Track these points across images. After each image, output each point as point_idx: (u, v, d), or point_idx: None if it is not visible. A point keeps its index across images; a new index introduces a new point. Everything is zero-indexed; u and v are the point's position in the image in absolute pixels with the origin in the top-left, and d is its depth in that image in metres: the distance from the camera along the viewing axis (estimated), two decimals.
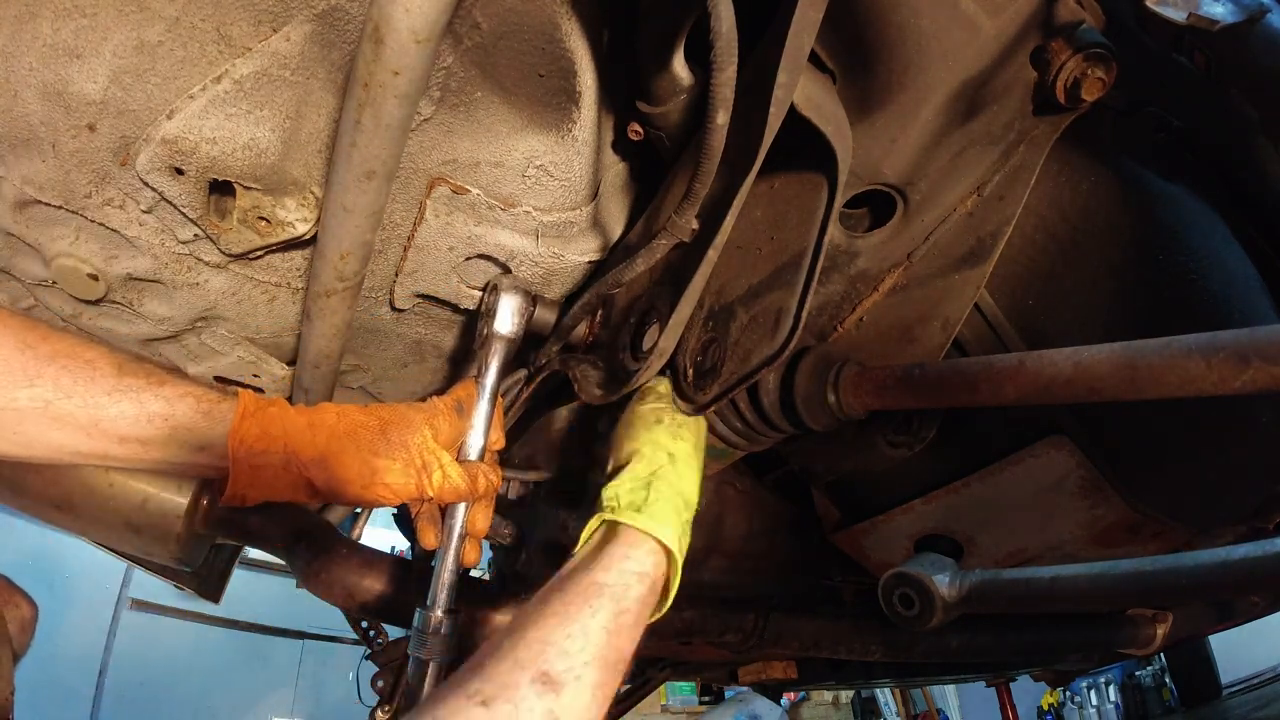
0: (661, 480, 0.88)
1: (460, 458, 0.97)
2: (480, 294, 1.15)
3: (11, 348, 0.73)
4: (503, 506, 1.36)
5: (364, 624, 2.59)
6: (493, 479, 0.95)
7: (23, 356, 0.73)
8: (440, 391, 1.00)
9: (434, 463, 0.88)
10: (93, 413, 0.75)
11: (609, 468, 0.93)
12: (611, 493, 0.87)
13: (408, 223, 1.05)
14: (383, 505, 0.89)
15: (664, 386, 1.02)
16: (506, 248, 1.07)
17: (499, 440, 1.04)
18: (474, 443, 0.98)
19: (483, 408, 1.00)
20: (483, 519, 1.00)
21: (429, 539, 0.97)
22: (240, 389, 0.86)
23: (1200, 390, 0.65)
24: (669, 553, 0.82)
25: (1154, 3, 0.76)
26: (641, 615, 0.78)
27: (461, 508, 0.96)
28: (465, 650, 1.02)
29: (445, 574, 0.95)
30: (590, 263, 1.13)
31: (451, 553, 0.96)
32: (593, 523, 0.86)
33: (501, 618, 1.36)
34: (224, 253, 1.03)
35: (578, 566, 0.79)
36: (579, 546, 0.85)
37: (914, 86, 0.85)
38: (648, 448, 0.91)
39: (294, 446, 0.82)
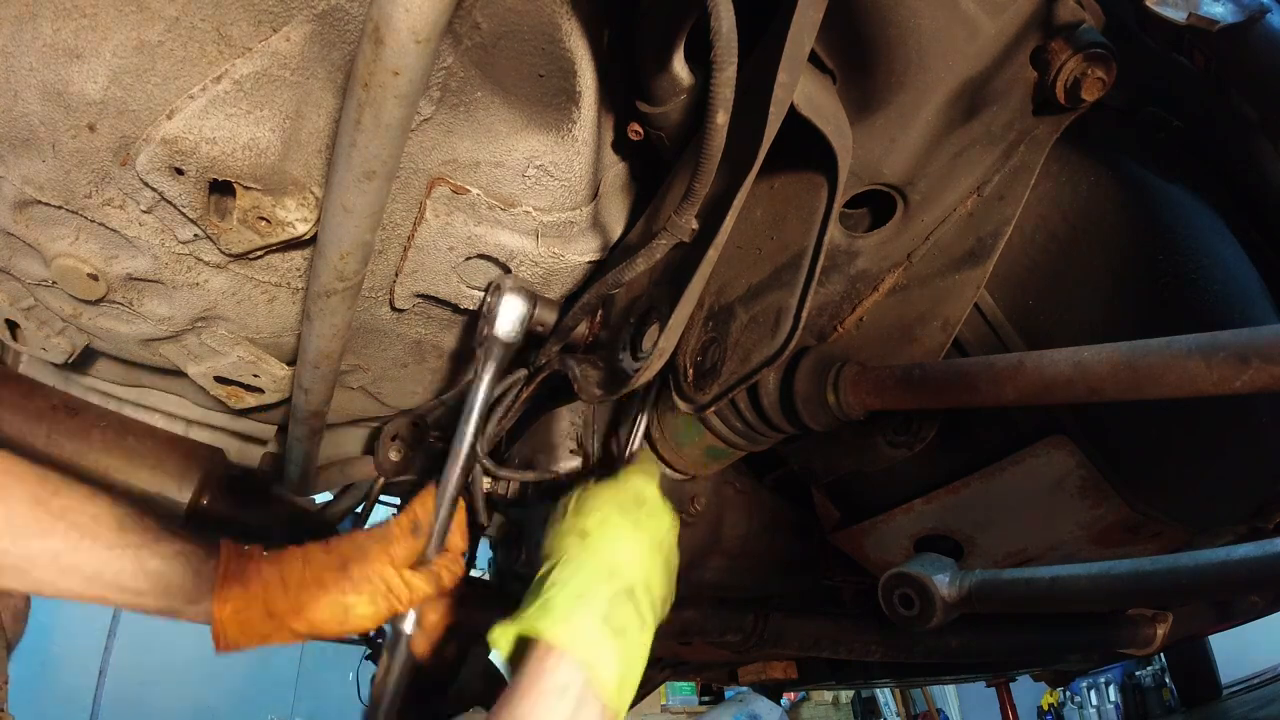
0: (565, 566, 0.82)
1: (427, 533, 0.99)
2: (480, 294, 1.15)
3: (26, 503, 0.81)
4: (502, 506, 1.36)
5: None
6: (455, 570, 0.99)
7: (35, 510, 0.82)
8: (443, 391, 1.01)
9: (398, 586, 0.94)
10: (96, 566, 0.83)
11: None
12: (524, 601, 0.83)
13: (408, 223, 1.05)
14: (367, 631, 0.97)
15: (580, 492, 0.95)
16: (506, 248, 1.07)
17: (458, 542, 1.04)
18: (442, 514, 1.00)
19: (477, 405, 1.02)
20: (461, 538, 1.03)
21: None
22: (223, 541, 0.94)
23: (1200, 390, 0.65)
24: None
25: (1154, 3, 0.76)
26: None
27: (457, 466, 1.00)
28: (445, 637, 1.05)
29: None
30: (590, 263, 1.13)
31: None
32: (498, 638, 0.80)
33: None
34: (224, 253, 1.03)
35: (502, 702, 0.76)
36: (505, 662, 0.82)
37: (914, 86, 0.85)
38: (552, 541, 0.89)
39: (271, 602, 0.90)
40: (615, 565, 0.83)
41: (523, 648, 0.78)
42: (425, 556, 0.98)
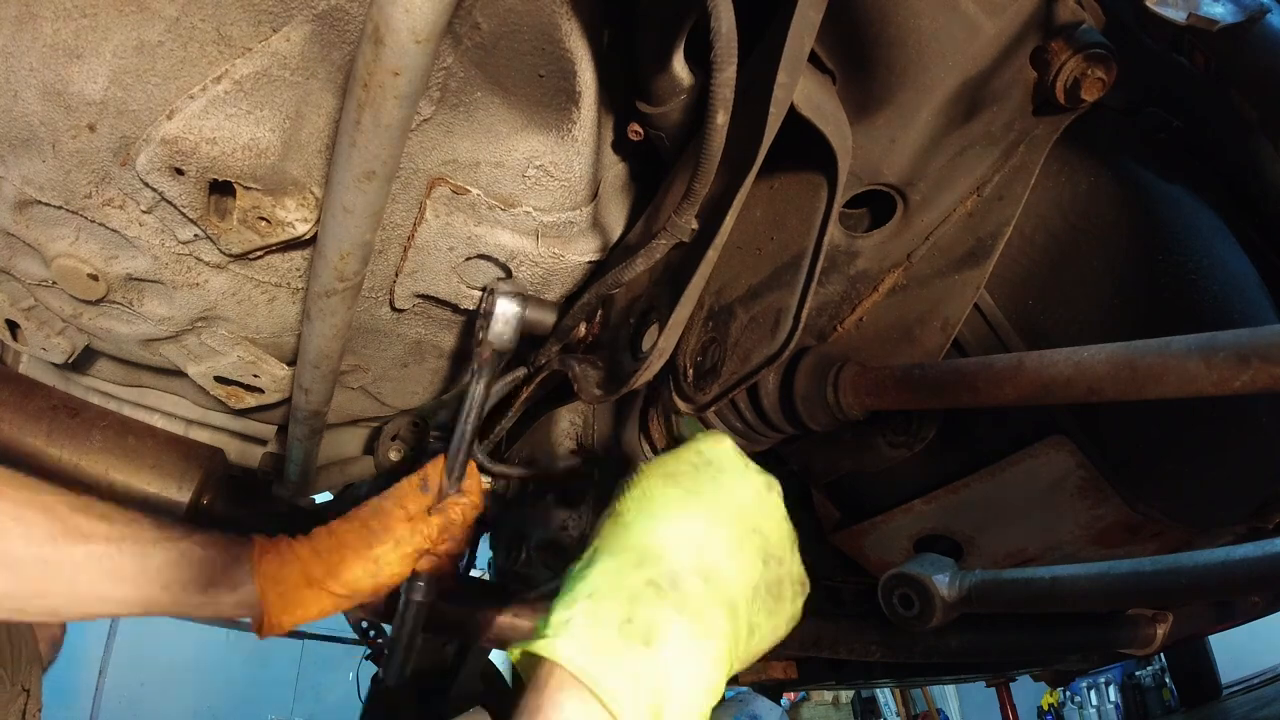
0: (594, 568, 0.62)
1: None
2: (480, 294, 1.15)
3: (68, 509, 0.84)
4: (501, 506, 1.36)
5: (363, 624, 2.59)
6: (474, 502, 1.06)
7: (76, 517, 0.84)
8: (443, 391, 1.02)
9: (419, 519, 1.01)
10: (140, 561, 0.86)
11: None
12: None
13: (408, 223, 1.05)
14: (403, 579, 1.02)
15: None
16: (506, 248, 1.07)
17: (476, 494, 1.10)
18: (454, 461, 1.06)
19: (471, 411, 1.04)
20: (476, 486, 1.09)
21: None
22: (254, 536, 1.00)
23: (1200, 390, 0.65)
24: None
25: (1154, 3, 0.76)
26: None
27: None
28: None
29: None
30: (590, 263, 1.13)
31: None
32: (516, 657, 0.62)
33: (503, 619, 1.36)
34: (224, 253, 1.03)
35: None
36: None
37: (914, 87, 0.85)
38: (594, 534, 0.69)
39: (308, 570, 0.96)
40: (649, 550, 0.63)
41: (533, 665, 0.61)
42: (442, 497, 1.05)
